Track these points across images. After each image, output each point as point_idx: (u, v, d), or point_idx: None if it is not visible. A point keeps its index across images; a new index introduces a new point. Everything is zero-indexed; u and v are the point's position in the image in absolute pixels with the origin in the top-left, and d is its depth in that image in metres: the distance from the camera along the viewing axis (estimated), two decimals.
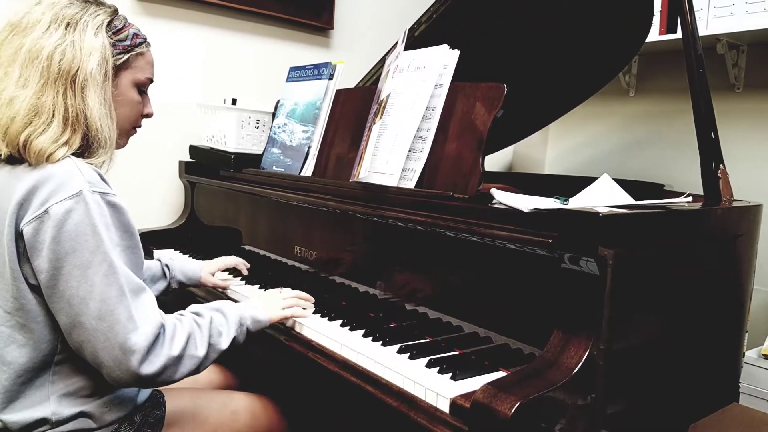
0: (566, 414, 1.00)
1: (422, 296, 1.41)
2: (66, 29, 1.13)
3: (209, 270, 1.72)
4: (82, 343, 1.06)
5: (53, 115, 1.10)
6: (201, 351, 1.15)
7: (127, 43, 1.21)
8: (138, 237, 1.15)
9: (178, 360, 1.11)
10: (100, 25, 1.17)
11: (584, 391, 1.02)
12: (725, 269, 1.42)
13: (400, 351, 1.25)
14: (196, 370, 1.15)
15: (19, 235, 1.07)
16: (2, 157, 1.11)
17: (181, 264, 1.67)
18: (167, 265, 1.63)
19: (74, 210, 1.04)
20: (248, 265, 1.81)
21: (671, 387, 1.28)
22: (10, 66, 1.11)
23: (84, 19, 1.15)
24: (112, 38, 1.18)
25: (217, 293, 1.74)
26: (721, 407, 1.41)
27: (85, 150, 1.15)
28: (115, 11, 1.22)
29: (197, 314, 1.21)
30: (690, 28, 1.44)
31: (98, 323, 1.03)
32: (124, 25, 1.22)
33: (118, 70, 1.21)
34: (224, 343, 1.20)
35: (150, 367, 1.06)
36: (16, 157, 1.11)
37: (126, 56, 1.21)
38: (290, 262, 1.82)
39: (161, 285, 1.61)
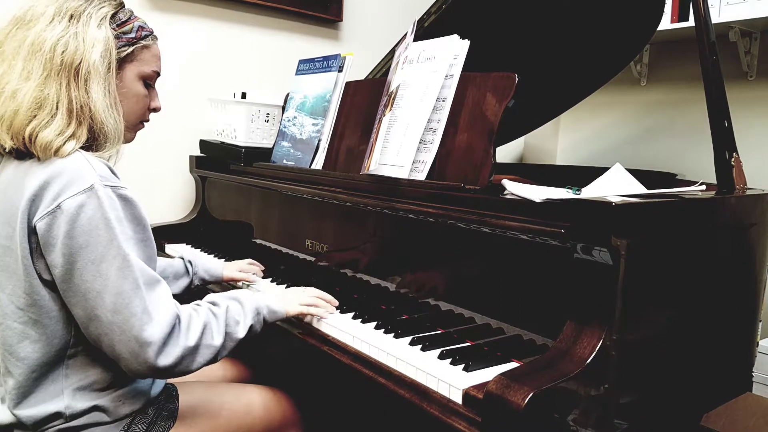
0: (579, 404, 1.00)
1: (434, 288, 1.40)
2: (69, 21, 1.13)
3: (233, 268, 1.72)
4: (99, 336, 1.06)
5: (57, 107, 1.10)
6: (218, 340, 1.15)
7: (132, 35, 1.21)
8: (150, 230, 1.15)
9: (194, 350, 1.11)
10: (104, 17, 1.16)
11: (597, 381, 1.02)
12: (739, 258, 1.41)
13: (412, 343, 1.25)
14: (214, 359, 1.16)
15: (31, 231, 1.07)
16: (8, 150, 1.11)
17: (203, 261, 1.67)
18: (190, 261, 1.63)
19: (87, 204, 1.05)
20: (263, 267, 1.80)
21: (684, 377, 1.27)
22: (14, 59, 1.11)
23: (88, 11, 1.15)
24: (116, 30, 1.18)
25: (233, 287, 1.75)
26: (734, 397, 1.40)
27: (93, 144, 1.15)
28: (121, 4, 1.22)
29: (213, 303, 1.22)
30: (702, 16, 1.43)
31: (114, 316, 1.04)
32: (129, 18, 1.22)
33: (122, 62, 1.20)
34: (241, 332, 1.20)
35: (166, 359, 1.07)
36: (24, 152, 1.11)
37: (130, 48, 1.21)
38: (301, 256, 1.82)
39: (184, 281, 1.61)
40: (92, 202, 1.05)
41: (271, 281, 1.72)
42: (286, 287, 1.67)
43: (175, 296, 1.18)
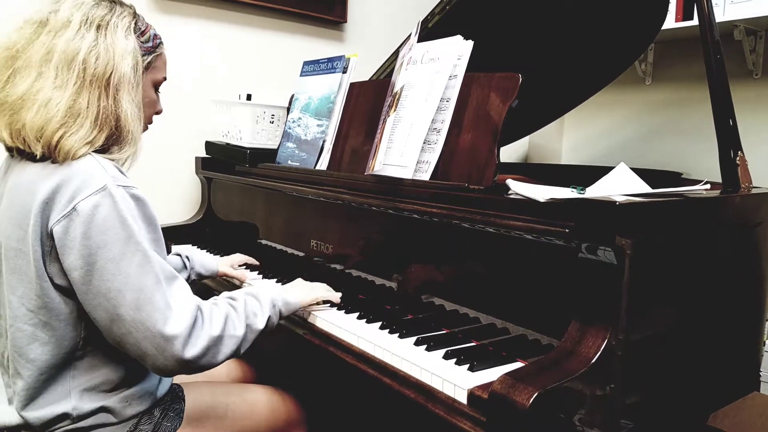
0: (585, 404, 1.00)
1: (438, 288, 1.40)
2: (97, 31, 1.14)
3: (226, 263, 1.79)
4: (123, 336, 1.06)
5: (87, 116, 1.12)
6: (240, 331, 1.17)
7: (150, 44, 1.24)
8: (160, 229, 1.16)
9: (219, 340, 1.12)
10: (128, 27, 1.18)
11: (603, 381, 1.02)
12: (744, 257, 1.41)
13: (417, 343, 1.25)
14: (237, 351, 1.17)
15: (46, 235, 1.08)
16: (39, 156, 1.11)
17: (199, 257, 1.72)
18: (187, 257, 1.68)
19: (101, 204, 1.05)
20: (257, 263, 1.87)
21: (691, 376, 1.27)
22: (42, 66, 1.11)
23: (113, 21, 1.16)
24: (138, 40, 1.20)
25: (230, 286, 1.77)
26: (741, 396, 1.40)
27: (108, 147, 1.16)
28: (135, 12, 1.23)
29: (231, 298, 1.24)
30: (707, 14, 1.43)
31: (137, 313, 1.04)
32: (146, 27, 1.24)
33: (144, 71, 1.23)
34: (260, 323, 1.22)
35: (193, 350, 1.08)
36: (38, 155, 1.11)
37: (150, 57, 1.24)
38: (306, 256, 1.82)
39: (182, 276, 1.63)
40: (107, 202, 1.06)
41: (276, 281, 1.73)
42: (277, 281, 1.70)
43: None
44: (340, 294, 1.50)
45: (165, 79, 1.31)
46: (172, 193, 2.45)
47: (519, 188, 1.24)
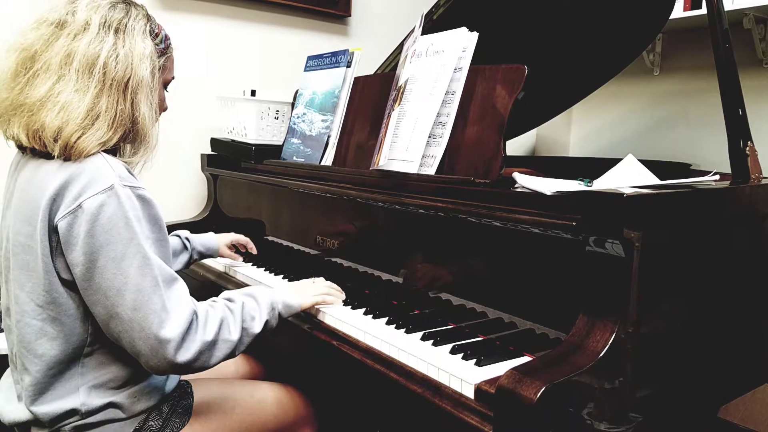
0: (594, 398, 0.99)
1: (445, 283, 1.40)
2: (116, 35, 1.15)
3: (225, 242, 1.83)
4: (119, 334, 1.08)
5: (105, 119, 1.13)
6: (234, 335, 1.17)
7: (163, 46, 1.25)
8: (165, 230, 1.17)
9: (212, 345, 1.13)
10: (144, 30, 1.19)
11: (612, 374, 1.01)
12: (755, 248, 1.39)
13: (424, 338, 1.25)
14: (231, 354, 1.17)
15: (52, 230, 1.09)
16: (56, 155, 1.12)
17: (199, 237, 1.77)
18: (187, 238, 1.72)
19: (107, 204, 1.07)
20: (254, 251, 1.91)
21: (701, 369, 1.26)
22: (62, 70, 1.12)
23: (130, 24, 1.17)
24: (153, 41, 1.21)
25: (230, 278, 1.81)
26: (751, 389, 1.39)
27: (121, 147, 1.19)
28: (147, 12, 1.24)
29: (229, 300, 1.24)
30: (715, 3, 1.41)
31: (134, 313, 1.06)
32: (158, 28, 1.25)
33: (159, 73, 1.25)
34: (257, 327, 1.22)
35: (185, 354, 1.09)
36: (59, 153, 1.12)
37: (164, 59, 1.26)
38: (312, 252, 1.82)
39: (184, 257, 1.70)
40: (112, 202, 1.07)
41: (283, 278, 1.72)
42: (283, 278, 1.70)
43: (178, 272, 1.21)
44: (344, 296, 1.48)
45: (174, 78, 1.33)
46: (178, 191, 2.45)
47: (525, 181, 1.23)
